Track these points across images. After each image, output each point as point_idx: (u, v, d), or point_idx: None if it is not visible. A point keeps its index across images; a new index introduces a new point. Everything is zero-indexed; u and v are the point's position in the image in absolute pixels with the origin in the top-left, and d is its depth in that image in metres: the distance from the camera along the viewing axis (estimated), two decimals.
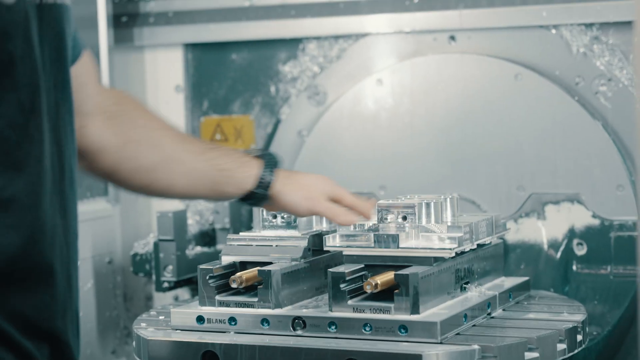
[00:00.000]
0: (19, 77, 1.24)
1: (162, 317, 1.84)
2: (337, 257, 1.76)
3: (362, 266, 1.66)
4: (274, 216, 1.92)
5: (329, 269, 1.63)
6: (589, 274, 2.10)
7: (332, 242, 1.77)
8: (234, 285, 1.65)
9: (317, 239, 1.79)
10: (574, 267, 2.12)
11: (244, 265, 1.75)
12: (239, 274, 1.66)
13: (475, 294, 1.76)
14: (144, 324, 1.79)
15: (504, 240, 2.00)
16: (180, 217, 2.15)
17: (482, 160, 2.16)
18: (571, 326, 1.68)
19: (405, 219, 1.79)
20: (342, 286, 1.60)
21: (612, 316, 2.01)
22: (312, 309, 1.66)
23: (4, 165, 1.22)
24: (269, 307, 1.65)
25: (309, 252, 1.77)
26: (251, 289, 1.66)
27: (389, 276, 1.57)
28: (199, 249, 2.20)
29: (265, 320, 1.63)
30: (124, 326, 2.36)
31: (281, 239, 1.83)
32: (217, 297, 1.69)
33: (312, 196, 1.76)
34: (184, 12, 2.39)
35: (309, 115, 2.29)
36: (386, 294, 1.58)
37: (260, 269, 1.67)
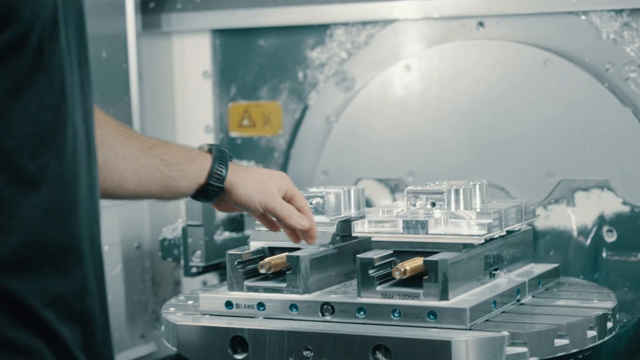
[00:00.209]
0: (48, 58, 1.24)
1: (190, 302, 1.87)
2: (366, 243, 1.79)
3: (391, 252, 1.69)
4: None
5: (357, 255, 1.66)
6: (619, 261, 2.10)
7: (360, 228, 1.80)
8: (262, 270, 1.68)
9: (346, 224, 1.82)
10: (604, 254, 2.12)
11: (272, 250, 1.78)
12: (267, 260, 1.69)
13: (504, 280, 1.79)
14: (172, 309, 1.82)
15: (533, 227, 2.03)
16: (208, 207, 2.03)
17: (511, 146, 2.18)
18: (601, 313, 1.70)
19: (434, 205, 1.83)
20: (370, 272, 1.62)
21: None
22: (340, 294, 1.69)
23: (38, 147, 1.21)
24: (298, 292, 1.68)
25: (338, 237, 1.80)
26: (279, 274, 1.70)
27: (417, 262, 1.60)
28: (227, 234, 2.21)
29: (293, 305, 1.66)
30: (152, 311, 2.39)
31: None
32: (246, 283, 1.72)
33: (267, 191, 1.76)
34: None
35: (337, 101, 2.31)
36: (415, 280, 1.60)
37: (289, 254, 1.70)
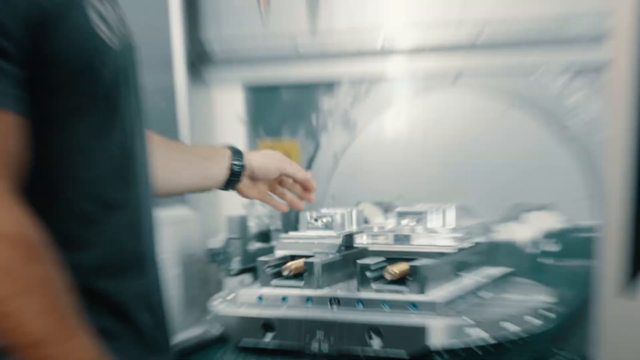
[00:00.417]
0: (121, 108, 1.40)
1: (231, 297, 2.04)
2: (364, 252, 1.96)
3: (384, 259, 1.85)
4: (316, 219, 1.96)
5: (357, 261, 1.82)
6: (560, 266, 2.27)
7: (360, 240, 1.99)
8: (285, 272, 1.85)
9: (349, 237, 1.97)
10: (548, 261, 2.28)
11: (293, 257, 1.94)
12: (289, 264, 1.86)
13: (470, 280, 1.95)
14: (217, 301, 2.00)
15: (493, 239, 2.25)
16: (243, 220, 2.30)
17: (477, 176, 2.33)
18: (541, 305, 1.90)
19: (417, 222, 2.00)
20: (367, 274, 1.81)
21: (576, 299, 2.19)
22: (344, 291, 1.85)
23: (117, 180, 1.41)
24: (312, 289, 1.84)
25: (343, 247, 1.96)
26: (298, 275, 1.86)
27: (404, 267, 1.77)
28: (258, 245, 2.36)
29: (309, 299, 1.84)
30: (202, 303, 2.31)
31: (321, 237, 2.00)
32: (273, 282, 1.88)
33: (278, 157, 1.86)
34: (244, 58, 2.53)
35: (342, 140, 2.46)
36: (401, 280, 1.79)
37: (306, 260, 1.85)
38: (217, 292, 2.22)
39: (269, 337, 1.86)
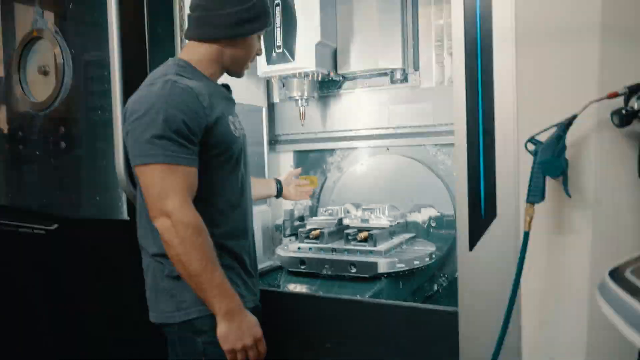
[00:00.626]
0: (240, 162, 1.61)
1: (285, 247, 2.26)
2: (347, 227, 2.28)
3: (356, 230, 2.19)
4: (325, 211, 2.46)
5: (344, 231, 2.19)
6: (438, 233, 2.46)
7: (345, 222, 2.35)
8: (311, 236, 2.18)
9: (340, 220, 2.33)
10: (432, 230, 2.48)
11: (314, 229, 2.24)
12: (313, 232, 2.19)
13: (396, 240, 2.25)
14: (278, 249, 2.28)
15: (406, 221, 2.47)
16: (292, 211, 2.51)
17: (399, 191, 2.52)
18: (430, 251, 2.20)
19: (371, 213, 2.36)
20: (349, 237, 2.14)
21: (446, 249, 2.38)
22: (337, 244, 2.15)
23: (237, 194, 1.62)
24: (323, 244, 2.15)
25: (337, 225, 2.29)
26: (317, 237, 2.17)
27: (366, 234, 2.14)
28: (298, 222, 2.50)
29: (322, 249, 2.14)
30: (272, 250, 2.59)
31: (327, 220, 2.34)
32: (305, 241, 2.20)
33: (289, 180, 2.15)
34: (293, 139, 2.75)
35: (337, 176, 2.70)
36: (364, 240, 2.12)
37: (320, 230, 2.19)
38: (278, 245, 2.50)
39: (302, 267, 2.12)
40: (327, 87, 2.65)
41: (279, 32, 2.24)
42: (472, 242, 1.61)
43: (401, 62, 2.40)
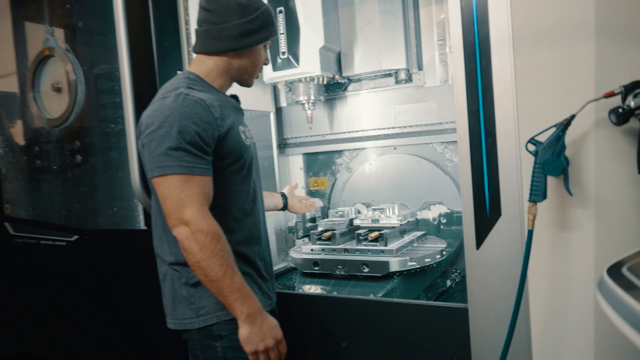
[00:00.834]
0: (251, 171, 1.62)
1: (298, 249, 2.26)
2: (358, 227, 2.30)
3: (367, 230, 2.21)
4: (336, 212, 2.48)
5: (355, 231, 2.18)
6: (448, 229, 2.46)
7: (356, 222, 2.37)
8: (323, 237, 2.19)
9: (351, 220, 2.36)
10: (442, 227, 2.48)
11: (326, 230, 2.26)
12: (325, 234, 2.21)
13: (407, 238, 2.24)
14: (292, 251, 2.26)
15: (417, 219, 2.48)
16: (304, 214, 2.47)
17: (408, 190, 2.54)
18: (441, 248, 2.18)
19: (381, 212, 2.39)
20: (360, 237, 2.15)
21: (456, 246, 2.37)
22: (349, 245, 2.15)
23: (250, 202, 1.63)
24: (335, 245, 2.16)
25: (348, 225, 2.31)
26: (329, 239, 2.19)
27: (376, 233, 2.14)
28: (310, 224, 2.50)
29: (334, 249, 2.15)
30: (285, 252, 2.66)
31: (338, 221, 2.36)
32: (317, 242, 2.20)
33: (295, 197, 2.14)
34: (302, 142, 2.77)
35: (347, 177, 2.70)
36: (375, 240, 2.13)
37: (332, 231, 2.20)
38: (292, 247, 2.58)
39: (316, 268, 2.14)
40: (332, 89, 2.67)
41: (283, 39, 2.26)
42: (479, 241, 1.62)
43: (405, 63, 2.40)
